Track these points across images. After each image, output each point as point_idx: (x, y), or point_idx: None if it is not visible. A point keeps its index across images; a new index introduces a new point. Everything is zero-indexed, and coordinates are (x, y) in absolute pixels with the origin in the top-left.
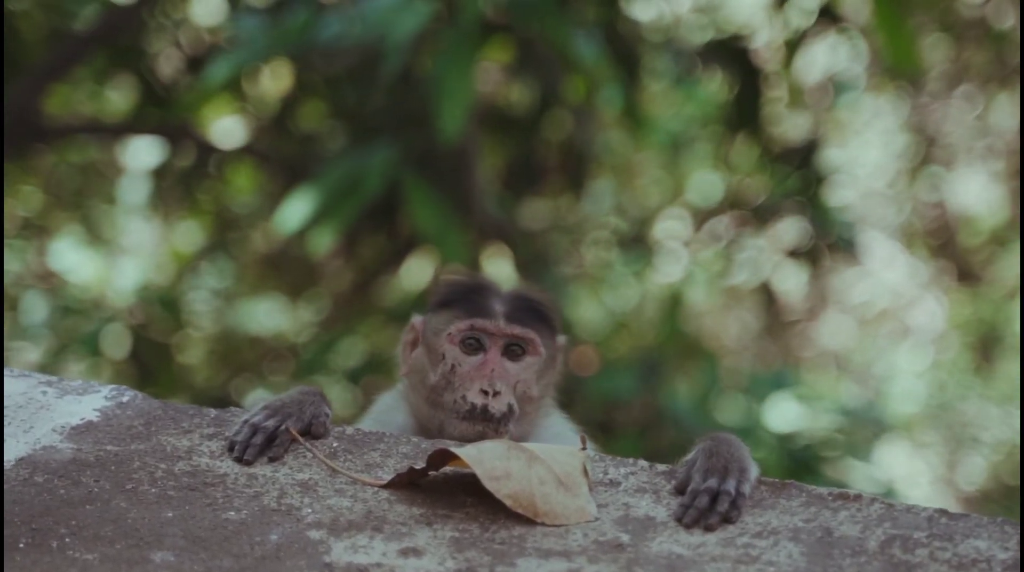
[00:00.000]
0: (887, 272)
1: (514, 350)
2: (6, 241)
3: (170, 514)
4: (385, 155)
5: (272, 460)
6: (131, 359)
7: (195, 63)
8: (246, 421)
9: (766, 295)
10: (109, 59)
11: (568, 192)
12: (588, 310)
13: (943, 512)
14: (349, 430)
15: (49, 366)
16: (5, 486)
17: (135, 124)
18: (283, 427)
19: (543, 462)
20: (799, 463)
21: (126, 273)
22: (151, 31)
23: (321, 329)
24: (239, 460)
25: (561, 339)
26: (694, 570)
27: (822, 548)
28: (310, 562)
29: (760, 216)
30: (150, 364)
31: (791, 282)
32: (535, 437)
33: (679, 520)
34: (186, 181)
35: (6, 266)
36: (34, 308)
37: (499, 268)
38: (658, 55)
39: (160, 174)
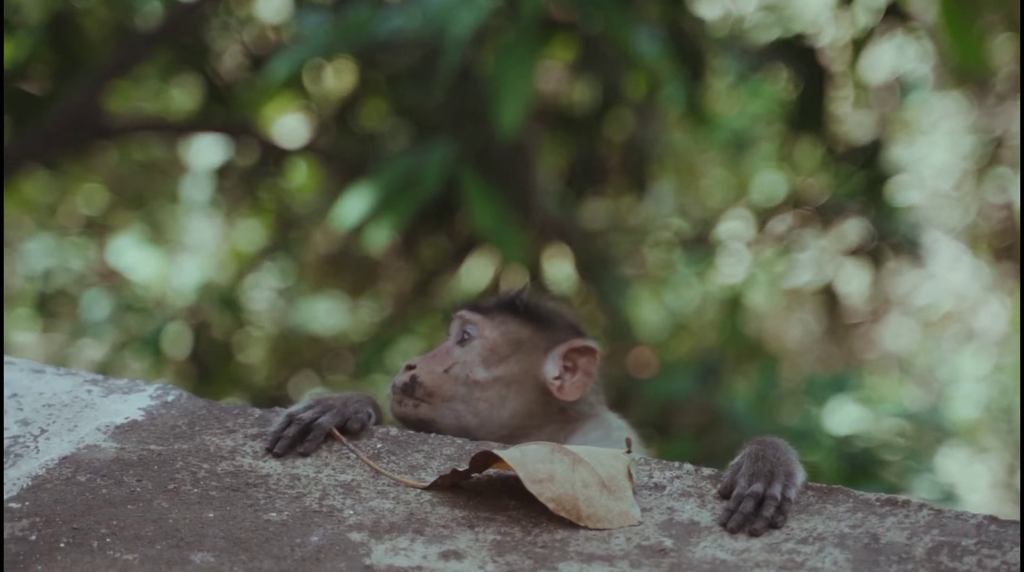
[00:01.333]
0: (951, 274)
1: (464, 336)
2: (68, 238)
3: (211, 515)
4: (443, 152)
5: (303, 455)
6: (191, 358)
7: (259, 61)
8: (287, 413)
9: (828, 296)
10: (173, 57)
11: (630, 192)
12: (648, 311)
13: (992, 519)
14: (393, 431)
15: (109, 365)
16: (48, 485)
17: (198, 122)
18: (318, 420)
19: (587, 465)
20: (856, 467)
21: (187, 272)
22: (215, 29)
23: (381, 328)
24: (269, 451)
25: (578, 342)
26: None
27: (868, 555)
28: (350, 564)
29: (823, 216)
30: (210, 363)
31: (854, 283)
32: (579, 437)
33: (723, 525)
34: (248, 179)
35: (66, 264)
36: (95, 306)
37: (559, 268)
38: (722, 53)
39: (223, 172)
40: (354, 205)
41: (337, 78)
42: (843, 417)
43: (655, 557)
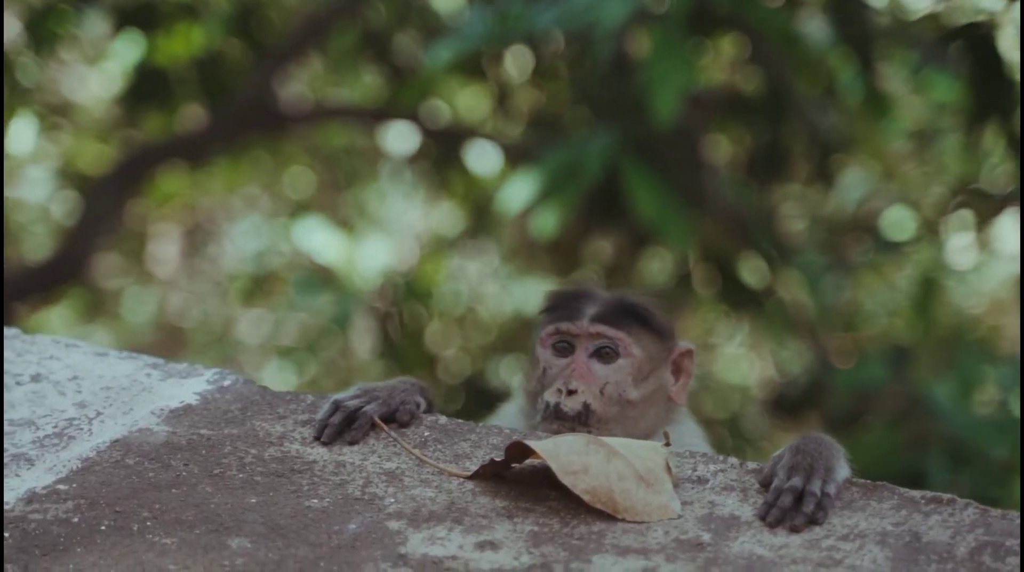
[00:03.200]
0: None
1: (605, 352)
2: (276, 220)
3: (253, 500)
4: (605, 141)
5: (350, 443)
6: (386, 341)
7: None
8: (333, 399)
9: None
10: (356, 43)
11: (816, 180)
12: (842, 300)
13: None
14: (442, 420)
15: (303, 349)
16: (97, 468)
17: (386, 108)
18: (363, 409)
19: (623, 458)
20: None
21: (382, 256)
22: (394, 16)
23: None
24: (316, 439)
25: (682, 345)
26: None
27: (909, 553)
28: (385, 553)
29: (1012, 205)
30: (404, 346)
31: None
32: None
33: (762, 519)
34: (438, 164)
35: (275, 246)
36: (302, 288)
37: (745, 257)
38: (897, 42)
39: (414, 158)
40: (519, 191)
41: (514, 65)
42: None
43: (691, 551)
